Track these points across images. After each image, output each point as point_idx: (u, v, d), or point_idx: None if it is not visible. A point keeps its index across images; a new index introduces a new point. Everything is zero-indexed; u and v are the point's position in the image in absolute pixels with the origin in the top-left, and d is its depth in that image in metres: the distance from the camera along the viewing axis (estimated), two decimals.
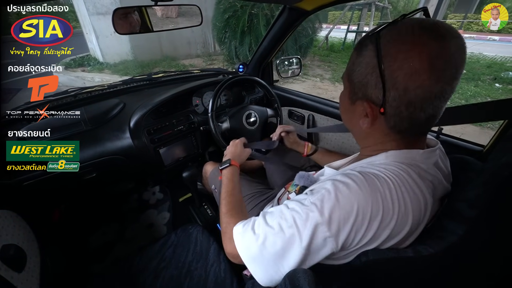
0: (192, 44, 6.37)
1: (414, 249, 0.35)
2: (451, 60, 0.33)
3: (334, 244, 0.36)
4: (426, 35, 0.33)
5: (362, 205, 0.35)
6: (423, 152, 0.41)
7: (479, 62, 5.39)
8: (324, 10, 0.97)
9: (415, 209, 0.37)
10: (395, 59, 0.34)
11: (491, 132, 2.81)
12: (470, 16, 9.91)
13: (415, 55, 0.33)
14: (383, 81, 0.35)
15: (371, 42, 0.37)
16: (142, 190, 1.43)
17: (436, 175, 0.41)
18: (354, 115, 0.43)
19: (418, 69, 0.33)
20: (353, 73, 0.40)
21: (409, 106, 0.35)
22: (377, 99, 0.37)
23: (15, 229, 0.64)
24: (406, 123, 0.38)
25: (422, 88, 0.33)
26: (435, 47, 0.32)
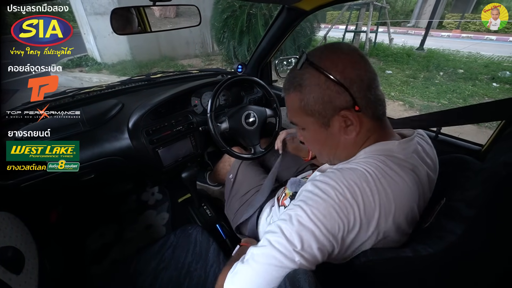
0: (191, 44, 6.35)
1: (413, 249, 0.35)
2: (361, 53, 0.43)
3: (326, 241, 0.36)
4: (334, 46, 0.43)
5: (342, 198, 0.36)
6: (399, 143, 0.42)
7: (476, 61, 5.43)
8: (322, 10, 0.97)
9: (398, 198, 0.38)
10: (336, 63, 0.40)
11: (489, 131, 2.83)
12: (467, 16, 9.97)
13: (343, 55, 0.41)
14: (342, 83, 0.39)
15: (306, 70, 0.42)
16: (141, 191, 1.43)
17: (416, 164, 0.42)
18: (334, 135, 0.44)
19: (354, 60, 0.41)
20: (308, 106, 0.43)
21: (370, 89, 0.41)
22: (347, 103, 0.40)
23: (12, 231, 0.64)
24: (378, 106, 0.42)
25: (366, 70, 0.41)
26: (346, 48, 0.42)
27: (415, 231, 0.43)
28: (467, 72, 4.71)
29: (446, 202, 0.41)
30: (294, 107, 0.45)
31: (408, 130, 0.48)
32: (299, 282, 0.32)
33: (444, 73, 4.86)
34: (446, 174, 0.47)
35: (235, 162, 1.02)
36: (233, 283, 0.38)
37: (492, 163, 0.35)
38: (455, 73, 4.77)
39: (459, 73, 4.74)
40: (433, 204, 0.44)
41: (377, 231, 0.37)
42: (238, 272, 0.39)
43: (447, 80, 4.58)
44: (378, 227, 0.37)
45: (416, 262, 0.34)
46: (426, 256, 0.34)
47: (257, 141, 1.02)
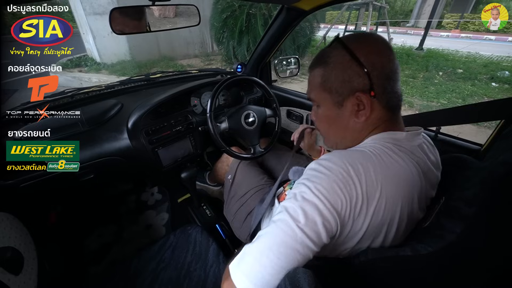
0: (190, 44, 6.35)
1: (413, 248, 0.35)
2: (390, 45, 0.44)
3: (330, 216, 0.35)
4: (366, 33, 0.45)
5: (345, 174, 0.36)
6: (406, 134, 0.44)
7: (475, 61, 5.44)
8: (322, 10, 0.97)
9: (401, 182, 0.38)
10: (362, 48, 0.42)
11: (489, 131, 2.83)
12: (467, 16, 9.99)
13: (373, 41, 0.43)
14: (364, 66, 0.41)
15: (335, 48, 0.44)
16: (140, 191, 1.43)
17: (421, 157, 0.43)
18: (344, 117, 0.46)
19: (382, 48, 0.42)
20: (328, 82, 0.45)
21: (389, 79, 0.42)
22: (364, 86, 0.42)
23: (11, 231, 0.64)
24: (393, 97, 0.43)
25: (391, 61, 0.42)
26: (378, 37, 0.44)
27: (414, 231, 0.43)
28: (466, 72, 4.72)
29: (446, 201, 0.41)
30: (315, 82, 0.47)
31: (415, 127, 0.48)
32: (298, 282, 0.32)
33: (444, 73, 4.87)
34: (445, 173, 0.47)
35: (233, 162, 1.02)
36: (239, 265, 0.37)
37: (491, 162, 0.36)
38: (454, 73, 4.78)
39: (459, 73, 4.75)
40: (433, 204, 0.44)
41: (378, 212, 0.37)
42: (244, 254, 0.38)
43: (447, 80, 4.58)
44: (378, 208, 0.37)
45: (416, 261, 0.35)
46: (425, 255, 0.34)
47: (256, 141, 1.02)
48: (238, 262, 0.38)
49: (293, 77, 1.35)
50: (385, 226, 0.39)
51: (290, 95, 1.30)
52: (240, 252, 0.39)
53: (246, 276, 0.35)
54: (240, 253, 0.39)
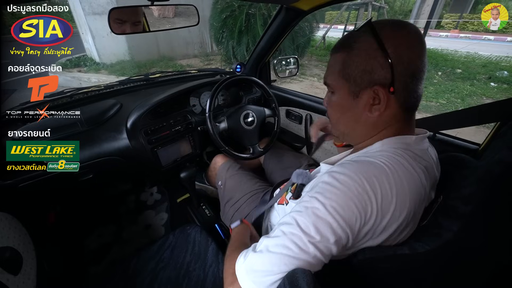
0: (190, 44, 6.34)
1: (410, 247, 0.36)
2: (423, 39, 0.40)
3: (343, 234, 0.35)
4: (401, 22, 0.41)
5: (360, 190, 0.35)
6: (416, 138, 0.42)
7: (474, 61, 5.45)
8: (321, 10, 0.97)
9: (412, 192, 0.38)
10: (394, 37, 0.38)
11: (487, 130, 2.83)
12: (466, 16, 10.01)
13: (406, 33, 0.39)
14: (389, 58, 0.38)
15: (364, 33, 0.40)
16: (139, 191, 1.43)
17: (428, 161, 0.42)
18: (358, 109, 0.43)
19: (413, 42, 0.39)
20: (348, 69, 0.42)
21: (413, 77, 0.39)
22: (385, 80, 0.39)
23: (10, 231, 0.63)
24: (412, 98, 0.41)
25: (419, 58, 0.39)
26: (413, 28, 0.40)
27: None
28: (465, 72, 4.73)
29: (443, 200, 0.41)
30: (335, 67, 0.44)
31: (421, 129, 0.48)
32: (297, 282, 0.32)
33: (443, 73, 4.88)
34: (443, 172, 0.47)
35: (221, 169, 1.02)
36: (247, 271, 0.37)
37: (487, 161, 0.36)
38: (453, 73, 4.79)
39: (458, 73, 4.76)
40: (431, 202, 0.44)
41: (390, 224, 0.37)
42: (251, 261, 0.38)
43: (446, 80, 4.60)
44: (392, 220, 0.37)
45: (413, 259, 0.35)
46: (423, 253, 0.34)
47: (256, 140, 1.03)
48: (246, 270, 0.37)
49: (292, 77, 1.35)
50: (396, 233, 0.39)
51: (289, 95, 1.30)
52: (248, 259, 0.38)
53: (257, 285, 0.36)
54: (248, 260, 0.38)
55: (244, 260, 0.39)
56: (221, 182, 0.97)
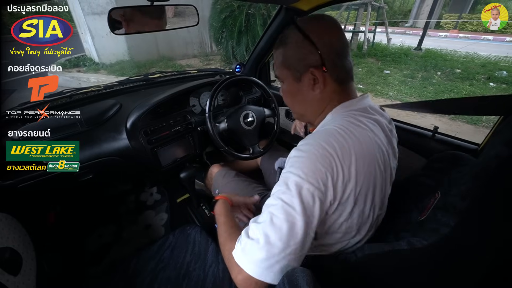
0: (189, 44, 6.34)
1: (408, 242, 0.36)
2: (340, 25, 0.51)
3: (322, 196, 0.40)
4: (318, 16, 0.52)
5: (321, 151, 0.41)
6: (356, 100, 0.51)
7: (473, 61, 5.45)
8: (320, 10, 0.97)
9: (366, 141, 0.44)
10: (313, 28, 0.48)
11: (486, 130, 2.84)
12: (465, 16, 10.02)
13: (323, 21, 0.49)
14: (315, 44, 0.47)
15: (292, 30, 0.50)
16: (139, 191, 1.42)
17: (373, 116, 0.50)
18: (303, 90, 0.51)
19: (330, 27, 0.49)
20: (287, 59, 0.51)
21: (339, 56, 0.48)
22: (317, 62, 0.48)
23: (10, 232, 0.63)
24: (344, 72, 0.50)
25: (338, 38, 0.48)
26: (327, 18, 0.50)
27: (409, 224, 0.43)
28: (465, 72, 4.73)
29: (442, 196, 0.41)
30: (278, 61, 0.54)
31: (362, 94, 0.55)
32: (297, 281, 0.32)
33: (442, 73, 4.88)
34: (441, 170, 0.47)
35: (216, 176, 1.03)
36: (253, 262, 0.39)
37: (484, 158, 0.36)
38: (452, 73, 4.80)
39: (457, 73, 4.77)
40: (429, 199, 0.44)
41: (359, 171, 0.42)
42: (251, 252, 0.39)
43: (445, 80, 4.60)
44: (358, 167, 0.42)
45: (411, 255, 0.35)
46: (421, 248, 0.34)
47: (255, 141, 1.03)
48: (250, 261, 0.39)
49: None
50: (370, 189, 0.44)
51: None
52: (247, 250, 0.40)
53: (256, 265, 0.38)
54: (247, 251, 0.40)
55: (243, 252, 0.40)
56: (218, 190, 0.98)
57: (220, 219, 0.64)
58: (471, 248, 0.32)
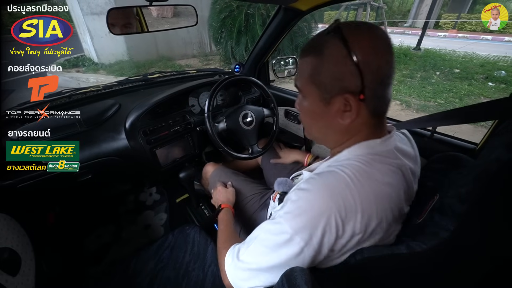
0: (188, 44, 6.34)
1: (407, 246, 0.36)
2: (390, 42, 0.39)
3: (311, 251, 0.37)
4: (368, 25, 0.39)
5: (325, 208, 0.36)
6: (380, 141, 0.43)
7: (472, 61, 5.47)
8: (319, 10, 0.97)
9: (379, 195, 0.38)
10: (362, 43, 0.37)
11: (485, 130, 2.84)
12: (464, 16, 10.04)
13: (374, 37, 0.38)
14: (359, 66, 0.37)
15: (331, 38, 0.39)
16: (138, 191, 1.42)
17: (397, 161, 0.42)
18: (329, 116, 0.43)
19: (380, 47, 0.38)
20: (318, 74, 0.41)
21: (382, 84, 0.39)
22: (355, 87, 0.38)
23: (9, 232, 0.63)
24: (382, 104, 0.41)
25: (388, 64, 0.38)
26: (380, 31, 0.39)
27: (408, 227, 0.43)
28: (463, 72, 4.75)
29: (440, 198, 0.41)
30: (305, 72, 0.43)
31: (388, 126, 0.48)
32: (296, 280, 0.32)
33: (441, 72, 4.90)
34: (440, 171, 0.47)
35: (213, 176, 1.02)
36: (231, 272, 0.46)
37: (484, 160, 0.36)
38: (451, 73, 4.81)
39: (456, 73, 4.78)
40: (427, 200, 0.44)
41: (362, 231, 0.38)
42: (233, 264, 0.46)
43: (444, 79, 4.61)
44: (361, 227, 0.38)
45: (411, 258, 0.35)
46: (420, 252, 0.34)
47: (254, 141, 1.03)
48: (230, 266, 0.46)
49: (291, 77, 1.35)
50: (373, 236, 0.40)
51: (288, 95, 1.30)
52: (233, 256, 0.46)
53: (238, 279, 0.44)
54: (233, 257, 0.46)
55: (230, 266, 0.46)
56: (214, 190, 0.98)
57: (220, 227, 0.68)
58: (471, 250, 0.32)
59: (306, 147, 1.26)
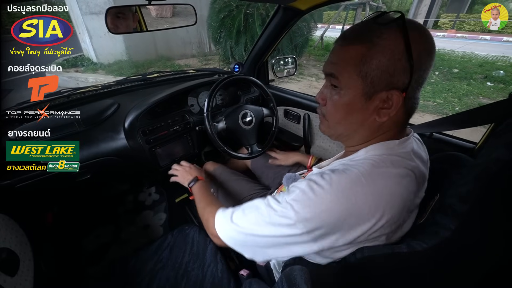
0: (188, 44, 6.33)
1: (408, 245, 0.36)
2: None
3: (311, 243, 0.37)
4: (419, 24, 0.38)
5: (335, 205, 0.35)
6: (399, 142, 0.41)
7: (471, 61, 5.49)
8: (319, 9, 0.97)
9: (391, 197, 0.37)
10: (421, 42, 0.36)
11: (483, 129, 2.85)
12: (462, 16, 10.07)
13: (430, 39, 0.37)
14: (412, 64, 0.35)
15: (390, 28, 0.36)
16: (138, 191, 1.42)
17: (412, 163, 0.41)
18: (367, 111, 0.40)
19: (432, 51, 0.37)
20: (366, 66, 0.37)
21: (420, 85, 0.39)
22: (403, 84, 0.37)
23: (7, 232, 0.63)
24: (415, 103, 0.41)
25: (430, 66, 0.38)
26: (429, 33, 0.37)
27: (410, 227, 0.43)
28: (462, 72, 4.76)
29: (440, 198, 0.41)
30: (349, 60, 0.39)
31: (407, 128, 0.47)
32: (295, 280, 0.32)
33: (440, 72, 4.91)
34: (440, 171, 0.47)
35: (211, 175, 1.03)
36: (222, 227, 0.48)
37: (484, 160, 0.36)
38: (450, 73, 4.82)
39: (454, 73, 4.79)
40: (428, 200, 0.44)
41: (370, 230, 0.37)
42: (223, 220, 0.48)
43: (443, 79, 4.62)
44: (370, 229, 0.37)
45: (411, 258, 0.35)
46: (421, 251, 0.34)
47: (254, 140, 1.03)
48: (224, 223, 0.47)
49: (290, 76, 1.35)
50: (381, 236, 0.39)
51: (287, 95, 1.30)
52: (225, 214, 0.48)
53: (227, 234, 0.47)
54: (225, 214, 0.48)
55: (230, 228, 0.46)
56: (214, 189, 0.98)
57: (202, 192, 0.73)
58: (471, 250, 0.32)
59: (305, 147, 1.26)
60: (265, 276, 0.65)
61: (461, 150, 0.74)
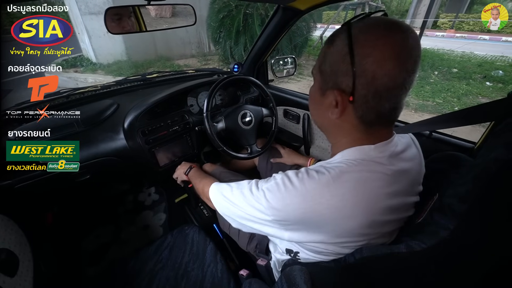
0: (187, 44, 6.33)
1: (407, 245, 0.36)
2: (412, 53, 0.36)
3: (282, 230, 0.42)
4: (391, 28, 0.36)
5: (300, 202, 0.39)
6: (375, 147, 0.41)
7: (470, 61, 5.49)
8: (318, 9, 0.98)
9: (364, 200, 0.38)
10: (364, 46, 0.36)
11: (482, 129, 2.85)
12: (461, 16, 10.08)
13: (382, 44, 0.35)
14: (353, 67, 0.36)
15: (343, 32, 0.39)
16: (137, 192, 1.42)
17: (390, 167, 0.41)
18: (323, 106, 0.43)
19: (386, 57, 0.35)
20: (324, 63, 0.42)
21: (375, 95, 0.37)
22: (347, 87, 0.38)
23: (6, 233, 0.63)
24: (373, 114, 0.39)
25: (388, 76, 0.35)
26: (399, 39, 0.35)
27: (408, 226, 0.43)
28: (461, 71, 4.77)
29: (439, 197, 0.41)
30: (319, 57, 0.44)
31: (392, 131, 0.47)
32: (295, 279, 0.32)
33: (439, 72, 4.91)
34: (439, 170, 0.47)
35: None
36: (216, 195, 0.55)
37: (483, 160, 0.36)
38: (449, 73, 4.83)
39: (454, 73, 4.80)
40: (426, 200, 0.44)
41: (337, 231, 0.39)
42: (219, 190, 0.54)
43: (442, 79, 4.63)
44: (338, 229, 0.39)
45: (410, 258, 0.35)
46: (420, 251, 0.34)
47: (253, 140, 1.03)
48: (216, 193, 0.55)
49: (289, 76, 1.35)
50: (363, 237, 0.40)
51: (287, 95, 1.30)
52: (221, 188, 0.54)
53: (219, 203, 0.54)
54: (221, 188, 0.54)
55: (222, 198, 0.53)
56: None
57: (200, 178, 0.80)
58: (471, 250, 0.32)
59: (305, 147, 1.26)
60: (265, 276, 0.65)
61: (460, 149, 0.74)
